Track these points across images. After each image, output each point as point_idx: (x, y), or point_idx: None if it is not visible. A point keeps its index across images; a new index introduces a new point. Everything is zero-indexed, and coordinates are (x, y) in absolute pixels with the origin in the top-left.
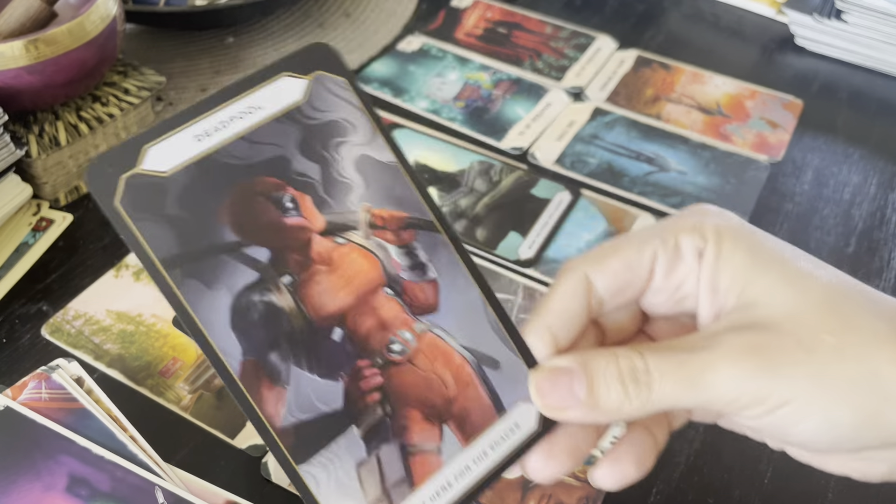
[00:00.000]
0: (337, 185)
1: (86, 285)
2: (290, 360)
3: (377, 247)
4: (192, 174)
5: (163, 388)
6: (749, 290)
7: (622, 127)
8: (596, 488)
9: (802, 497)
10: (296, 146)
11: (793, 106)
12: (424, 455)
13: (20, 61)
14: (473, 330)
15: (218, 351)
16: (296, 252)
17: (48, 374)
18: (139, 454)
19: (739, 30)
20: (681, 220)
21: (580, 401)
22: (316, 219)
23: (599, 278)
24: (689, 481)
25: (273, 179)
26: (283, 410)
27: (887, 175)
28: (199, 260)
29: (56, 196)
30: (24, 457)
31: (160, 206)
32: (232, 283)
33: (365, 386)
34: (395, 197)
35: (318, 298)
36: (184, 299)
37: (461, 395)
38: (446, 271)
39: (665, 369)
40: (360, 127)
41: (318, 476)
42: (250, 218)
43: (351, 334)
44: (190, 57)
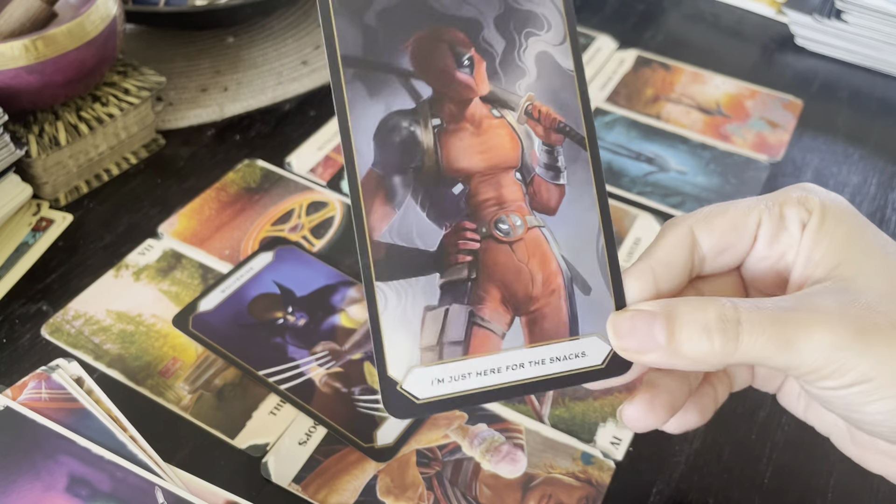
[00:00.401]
0: (513, 66)
1: (86, 285)
2: (408, 189)
3: (525, 134)
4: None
5: (163, 388)
6: (845, 267)
7: (622, 127)
8: (596, 487)
9: (802, 497)
10: (493, 17)
11: (793, 106)
12: (488, 332)
13: (20, 61)
14: (579, 249)
15: (354, 150)
16: (454, 103)
17: (48, 374)
18: (139, 454)
19: (739, 30)
20: (786, 193)
21: (660, 345)
22: (483, 84)
23: (705, 235)
24: (690, 481)
25: (462, 35)
26: (385, 227)
27: (887, 175)
28: (374, 70)
29: (56, 196)
30: (24, 457)
31: (362, 11)
32: (390, 102)
33: (462, 245)
34: (560, 100)
35: (455, 151)
36: (346, 95)
37: (543, 298)
38: (577, 186)
39: (756, 322)
40: (555, 28)
41: (389, 298)
42: (430, 57)
43: (470, 195)
44: (190, 57)
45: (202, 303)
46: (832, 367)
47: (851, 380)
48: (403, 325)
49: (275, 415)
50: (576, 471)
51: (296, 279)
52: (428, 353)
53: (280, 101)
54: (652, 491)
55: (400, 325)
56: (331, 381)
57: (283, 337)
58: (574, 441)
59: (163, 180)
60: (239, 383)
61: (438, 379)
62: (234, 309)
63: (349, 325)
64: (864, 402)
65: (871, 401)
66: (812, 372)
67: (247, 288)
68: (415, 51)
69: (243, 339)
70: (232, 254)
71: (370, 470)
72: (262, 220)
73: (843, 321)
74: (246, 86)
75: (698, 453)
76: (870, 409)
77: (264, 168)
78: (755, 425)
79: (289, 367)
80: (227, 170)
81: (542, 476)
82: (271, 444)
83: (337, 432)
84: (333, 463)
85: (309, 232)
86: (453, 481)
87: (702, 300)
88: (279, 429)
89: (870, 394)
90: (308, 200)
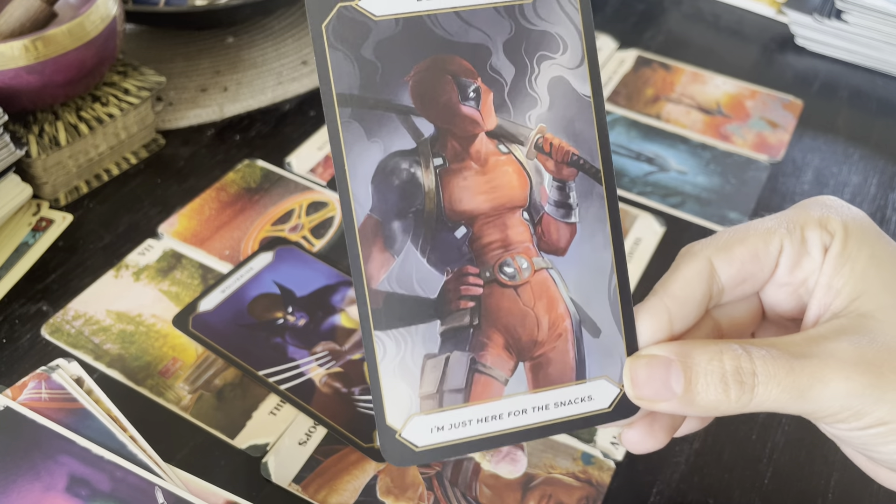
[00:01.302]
0: (523, 95)
1: (86, 285)
2: (408, 235)
3: (534, 170)
4: (399, 28)
5: (163, 388)
6: (865, 300)
7: (622, 127)
8: (596, 487)
9: (802, 497)
10: (502, 42)
11: (793, 106)
12: (490, 379)
13: (20, 61)
14: (590, 290)
15: (351, 197)
16: (457, 140)
17: (48, 374)
18: (139, 454)
19: (739, 30)
20: (805, 213)
21: (675, 394)
22: (490, 118)
23: (724, 266)
24: (690, 481)
25: (468, 64)
26: (383, 276)
27: (887, 175)
28: (371, 108)
29: (56, 196)
30: (23, 457)
31: (359, 45)
32: (389, 142)
33: (464, 290)
34: (574, 131)
35: (458, 192)
36: (342, 138)
37: (549, 343)
38: (590, 223)
39: (772, 374)
40: (571, 49)
41: (387, 347)
42: (432, 90)
43: (473, 238)
44: (190, 57)
45: (202, 303)
46: (848, 412)
47: (868, 423)
48: (402, 374)
49: (275, 415)
50: (576, 471)
51: (296, 279)
52: (427, 401)
53: (280, 101)
54: (652, 491)
55: (399, 374)
56: (331, 381)
57: (283, 337)
58: (574, 441)
59: (163, 180)
60: (239, 383)
61: (438, 427)
62: (234, 309)
63: (349, 325)
64: (881, 443)
65: (888, 441)
66: (828, 416)
67: (247, 288)
68: (416, 85)
69: (243, 339)
70: (232, 254)
71: (370, 470)
72: (262, 220)
73: (858, 368)
74: (246, 86)
75: (698, 454)
76: (886, 450)
77: (264, 168)
78: (755, 425)
79: (289, 367)
80: (227, 170)
81: (542, 476)
82: (271, 444)
83: (337, 432)
84: (333, 463)
85: (309, 232)
86: (453, 481)
87: (717, 347)
88: (279, 429)
89: (887, 435)
90: (308, 200)
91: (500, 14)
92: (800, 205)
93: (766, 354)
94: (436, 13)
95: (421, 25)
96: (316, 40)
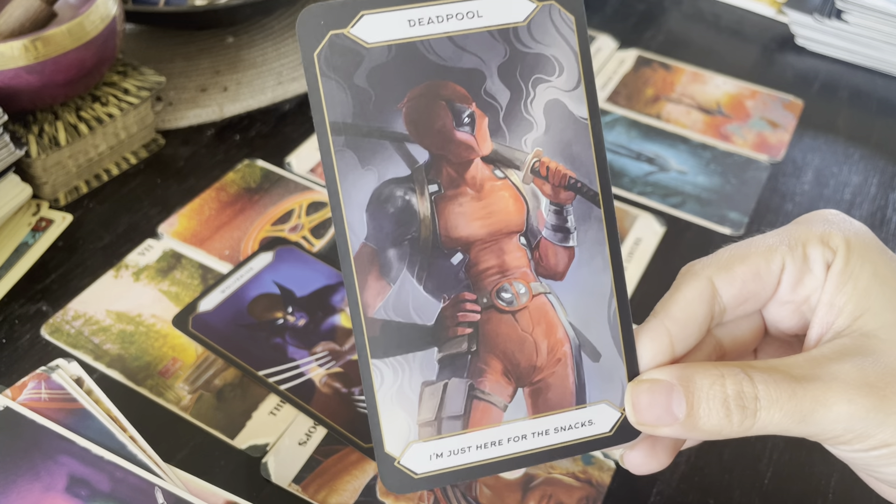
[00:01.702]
0: (519, 119)
1: (85, 285)
2: (404, 263)
3: (531, 194)
4: (392, 55)
5: (162, 389)
6: (868, 318)
7: (622, 127)
8: (596, 487)
9: (802, 497)
10: (497, 66)
11: (793, 106)
12: (488, 405)
13: (20, 61)
14: (589, 314)
15: (346, 226)
16: (453, 166)
17: (48, 374)
18: (139, 454)
19: (740, 30)
20: (807, 229)
21: (677, 419)
22: (485, 143)
23: (726, 286)
24: (690, 482)
25: (462, 90)
26: (379, 304)
27: (888, 175)
28: (364, 137)
29: (56, 196)
30: (23, 457)
31: (351, 72)
32: (383, 170)
33: (461, 317)
34: (571, 154)
35: (454, 219)
36: (336, 166)
37: (549, 368)
38: (588, 247)
39: (775, 398)
40: (567, 71)
41: (385, 375)
42: (426, 117)
43: (469, 265)
44: (190, 57)
45: (202, 303)
46: (851, 435)
47: (872, 445)
48: (400, 402)
49: (275, 415)
50: (576, 471)
51: (296, 279)
52: (426, 428)
53: (280, 101)
54: (652, 491)
55: (397, 402)
56: (331, 382)
57: (282, 337)
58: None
59: (162, 180)
60: (239, 383)
61: (437, 454)
62: (234, 309)
63: (349, 326)
64: (884, 464)
65: (892, 463)
66: (831, 439)
67: (247, 288)
68: (409, 111)
69: (243, 339)
70: (232, 254)
71: (370, 470)
72: (262, 220)
73: (861, 391)
74: (246, 86)
75: (699, 454)
76: (890, 471)
77: (264, 168)
78: None
79: (289, 368)
80: (227, 170)
81: (542, 476)
82: (271, 445)
83: (337, 432)
84: (333, 463)
85: (309, 232)
86: None
87: (719, 371)
88: (279, 429)
89: (890, 457)
90: (308, 200)
91: (493, 38)
92: (801, 220)
93: (767, 378)
94: (428, 39)
95: (414, 52)
96: (308, 69)
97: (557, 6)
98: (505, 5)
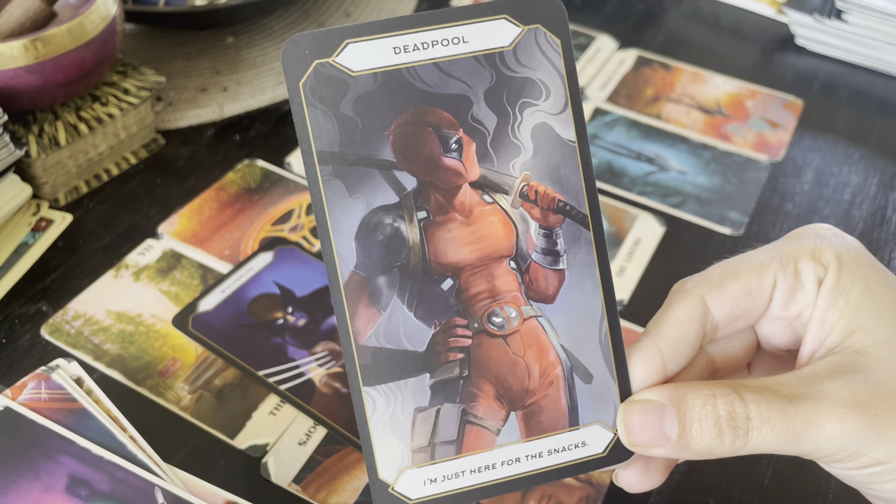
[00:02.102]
0: (506, 144)
1: (85, 285)
2: (394, 290)
3: (520, 218)
4: (378, 83)
5: (162, 389)
6: (859, 336)
7: (622, 127)
8: (596, 487)
9: (802, 498)
10: (483, 91)
11: (793, 106)
12: (481, 430)
13: (19, 61)
14: (580, 336)
15: (335, 254)
16: (441, 193)
17: (48, 374)
18: (139, 454)
19: (739, 30)
20: (799, 244)
21: (670, 440)
22: (473, 169)
23: (717, 305)
24: (690, 482)
25: (448, 116)
26: (370, 331)
27: (888, 175)
28: (352, 165)
29: (56, 196)
30: (23, 457)
31: (337, 101)
32: (371, 198)
33: (452, 342)
34: (559, 177)
35: (443, 245)
36: (324, 196)
37: (541, 391)
38: (578, 269)
39: (766, 418)
40: (554, 94)
41: (377, 402)
42: (413, 144)
43: (460, 290)
44: (190, 57)
45: (202, 303)
46: (844, 453)
47: (864, 463)
48: (393, 428)
49: (275, 415)
50: None
51: (296, 279)
52: (419, 454)
53: (280, 100)
54: (652, 491)
55: (389, 428)
56: (331, 382)
57: (282, 337)
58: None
59: (162, 180)
60: (239, 384)
61: (431, 479)
62: (234, 309)
63: None
64: (878, 482)
65: (884, 481)
66: (824, 457)
67: (247, 288)
68: (396, 138)
69: (243, 339)
70: (232, 254)
71: None
72: (262, 220)
73: (853, 409)
74: (246, 86)
75: None
76: (884, 489)
77: (264, 168)
78: None
79: (289, 368)
80: (227, 170)
81: None
82: (271, 445)
83: (337, 432)
84: (333, 463)
85: (309, 232)
86: None
87: (711, 391)
88: (279, 429)
89: (883, 475)
90: (308, 201)
91: (479, 63)
92: (793, 235)
93: (759, 398)
94: (414, 66)
95: (400, 79)
96: (294, 99)
97: (543, 30)
98: (490, 30)
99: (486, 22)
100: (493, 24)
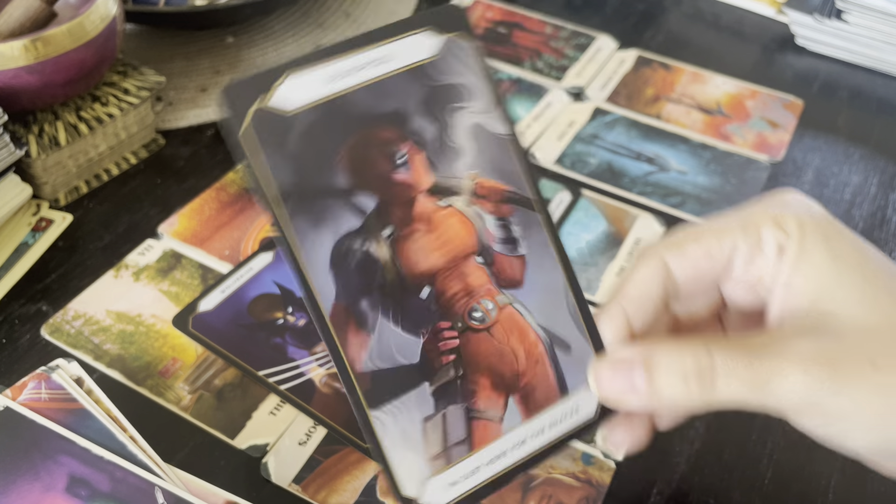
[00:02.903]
0: (447, 149)
1: (85, 285)
2: (378, 310)
3: (475, 215)
4: (317, 115)
5: (163, 389)
6: (825, 298)
7: (622, 127)
8: (596, 487)
9: (802, 497)
10: (416, 104)
11: (793, 106)
12: (487, 422)
13: (20, 61)
14: (552, 311)
15: (314, 290)
16: (399, 207)
17: (48, 374)
18: (139, 454)
19: (740, 30)
20: (762, 211)
21: (639, 391)
22: (424, 178)
23: (678, 265)
24: (690, 482)
25: (390, 133)
26: (364, 356)
27: (888, 175)
28: (310, 200)
29: (56, 196)
30: (23, 457)
31: (282, 142)
32: (337, 227)
33: (442, 346)
34: (502, 170)
35: (413, 256)
36: (291, 235)
37: (530, 371)
38: (536, 250)
39: (731, 369)
40: (480, 95)
41: (386, 423)
42: (363, 167)
43: (438, 295)
44: (190, 57)
45: (202, 303)
46: (807, 405)
47: (833, 417)
48: (406, 444)
49: (275, 415)
50: (576, 471)
51: None
52: (436, 461)
53: None
54: (652, 491)
55: (403, 445)
56: (331, 382)
57: (282, 337)
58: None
59: (163, 180)
60: (239, 384)
61: (452, 482)
62: (234, 309)
63: None
64: (844, 437)
65: (850, 437)
66: (790, 411)
67: (247, 288)
68: (347, 164)
69: (243, 339)
70: (232, 254)
71: (370, 470)
72: (262, 220)
73: (817, 362)
74: None
75: (699, 454)
76: (850, 444)
77: None
78: (755, 426)
79: (289, 368)
80: (227, 170)
81: (542, 476)
82: (271, 445)
83: (337, 432)
84: (333, 463)
85: None
86: None
87: (678, 346)
88: (279, 429)
89: (848, 431)
90: None
91: (408, 78)
92: (760, 200)
93: (725, 352)
94: (349, 92)
95: (337, 108)
96: (236, 150)
97: (457, 37)
98: (412, 46)
99: (407, 38)
100: (416, 37)
